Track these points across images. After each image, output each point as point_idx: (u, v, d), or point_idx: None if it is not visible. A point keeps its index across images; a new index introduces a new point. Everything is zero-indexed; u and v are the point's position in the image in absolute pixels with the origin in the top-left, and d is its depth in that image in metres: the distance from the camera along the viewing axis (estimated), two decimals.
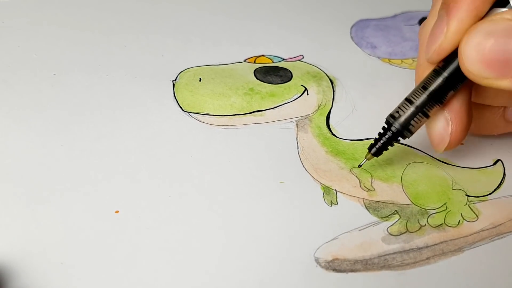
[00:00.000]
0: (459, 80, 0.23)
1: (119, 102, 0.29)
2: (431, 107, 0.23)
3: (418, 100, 0.23)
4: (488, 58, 0.21)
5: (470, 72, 0.21)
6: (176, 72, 0.31)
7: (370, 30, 0.37)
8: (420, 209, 0.25)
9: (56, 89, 0.29)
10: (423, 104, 0.23)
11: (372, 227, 0.24)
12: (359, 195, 0.25)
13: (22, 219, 0.22)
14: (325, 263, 0.22)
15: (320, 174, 0.26)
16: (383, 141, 0.24)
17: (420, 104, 0.23)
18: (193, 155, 0.26)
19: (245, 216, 0.24)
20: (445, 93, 0.23)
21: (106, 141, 0.26)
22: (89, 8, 0.36)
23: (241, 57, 0.33)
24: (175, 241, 0.22)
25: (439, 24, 0.23)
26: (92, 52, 0.32)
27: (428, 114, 0.24)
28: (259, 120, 0.29)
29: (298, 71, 0.32)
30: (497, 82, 0.21)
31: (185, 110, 0.29)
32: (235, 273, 0.21)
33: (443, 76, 0.23)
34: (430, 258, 0.23)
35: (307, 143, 0.27)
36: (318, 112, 0.29)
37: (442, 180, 0.26)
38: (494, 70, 0.21)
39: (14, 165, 0.25)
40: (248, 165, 0.26)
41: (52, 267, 0.21)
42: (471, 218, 0.25)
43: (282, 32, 0.36)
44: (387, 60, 0.35)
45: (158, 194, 0.24)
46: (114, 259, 0.21)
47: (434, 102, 0.23)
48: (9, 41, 0.32)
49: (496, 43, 0.21)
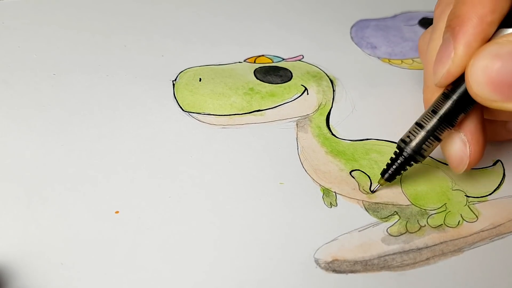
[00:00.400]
0: (469, 102, 0.23)
1: (119, 102, 0.29)
2: (442, 131, 0.23)
3: (428, 124, 0.23)
4: (495, 81, 0.20)
5: (478, 96, 0.21)
6: (176, 72, 0.31)
7: (370, 30, 0.37)
8: (419, 209, 0.25)
9: (56, 89, 0.29)
10: (434, 128, 0.23)
11: (372, 228, 0.24)
12: (358, 197, 0.25)
13: (22, 219, 0.22)
14: (325, 264, 0.22)
15: (320, 176, 0.26)
16: (395, 166, 0.24)
17: (431, 128, 0.23)
18: (193, 155, 0.26)
19: (245, 216, 0.24)
20: (456, 116, 0.23)
21: (106, 141, 0.26)
22: (89, 9, 0.36)
23: (241, 57, 0.33)
24: (175, 241, 0.22)
25: (445, 49, 0.22)
26: (92, 52, 0.32)
27: (439, 137, 0.23)
28: (259, 120, 0.29)
29: (298, 71, 0.32)
30: (504, 104, 0.21)
31: (185, 110, 0.29)
32: (235, 274, 0.21)
33: (453, 99, 0.23)
34: (430, 259, 0.23)
35: (307, 143, 0.27)
36: (318, 112, 0.30)
37: (442, 180, 0.26)
38: (501, 93, 0.21)
39: (14, 165, 0.25)
40: (248, 165, 0.26)
41: (52, 267, 0.21)
42: (471, 218, 0.25)
43: (282, 32, 0.36)
44: (387, 60, 0.35)
45: (158, 194, 0.24)
46: (114, 259, 0.21)
47: (445, 125, 0.23)
48: (9, 41, 0.32)
49: (503, 66, 0.20)
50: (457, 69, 0.22)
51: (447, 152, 0.24)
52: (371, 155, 0.27)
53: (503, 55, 0.20)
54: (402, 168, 0.24)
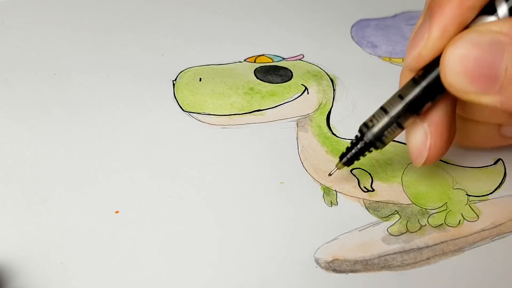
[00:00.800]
0: (438, 91, 0.21)
1: (119, 102, 0.29)
2: (407, 118, 0.22)
3: (393, 110, 0.22)
4: (472, 72, 0.19)
5: (452, 86, 0.20)
6: (176, 72, 0.31)
7: (370, 29, 0.37)
8: (420, 209, 0.25)
9: (56, 89, 0.29)
10: (398, 114, 0.22)
11: (372, 227, 0.24)
12: (359, 196, 0.25)
13: (22, 219, 0.22)
14: (325, 264, 0.22)
15: (320, 175, 0.26)
16: (354, 151, 0.23)
17: (395, 114, 0.22)
18: (193, 155, 0.26)
19: (245, 216, 0.23)
20: (422, 104, 0.22)
21: (106, 141, 0.26)
22: (89, 8, 0.36)
23: (241, 56, 0.33)
24: (175, 241, 0.22)
25: (420, 30, 0.21)
26: (92, 52, 0.32)
27: (403, 125, 0.22)
28: (259, 120, 0.29)
29: (298, 70, 0.32)
30: (478, 97, 0.20)
31: (185, 110, 0.29)
32: (235, 274, 0.21)
33: (421, 86, 0.21)
34: (431, 258, 0.23)
35: (307, 142, 0.27)
36: (319, 111, 0.29)
37: (443, 179, 0.26)
38: (477, 85, 0.19)
39: (14, 165, 0.25)
40: (248, 165, 0.26)
41: (52, 267, 0.21)
42: (472, 218, 0.24)
43: (283, 31, 0.36)
44: (388, 59, 0.34)
45: (158, 194, 0.24)
46: (114, 259, 0.21)
47: (410, 113, 0.22)
48: (9, 41, 0.32)
49: (482, 56, 0.19)
50: (430, 52, 0.21)
51: (408, 141, 0.23)
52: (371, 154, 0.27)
53: (482, 45, 0.19)
54: (361, 153, 0.23)
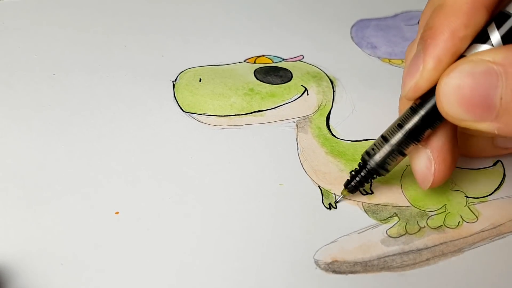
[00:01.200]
0: (436, 118, 0.22)
1: (119, 103, 0.29)
2: (408, 146, 0.23)
3: (393, 139, 0.23)
4: (467, 101, 0.20)
5: (449, 115, 0.20)
6: (176, 72, 0.31)
7: (370, 30, 0.37)
8: (419, 211, 0.25)
9: (56, 89, 0.29)
10: (399, 143, 0.23)
11: (371, 230, 0.24)
12: (358, 199, 0.25)
13: (22, 219, 0.22)
14: (324, 265, 0.22)
15: (320, 177, 0.26)
16: (358, 179, 0.24)
17: (395, 143, 0.23)
18: (193, 155, 0.26)
19: (244, 217, 0.24)
20: (421, 132, 0.22)
21: (106, 142, 0.26)
22: (89, 8, 0.36)
23: (241, 57, 0.33)
24: (175, 243, 0.22)
25: (415, 61, 0.21)
26: (92, 52, 0.32)
27: (404, 152, 0.23)
28: (259, 121, 0.29)
29: (298, 71, 0.32)
30: (476, 124, 0.20)
31: (185, 111, 0.29)
32: (235, 275, 0.21)
33: (420, 115, 0.22)
34: (430, 259, 0.23)
35: (307, 144, 0.27)
36: (318, 112, 0.29)
37: None
38: (473, 113, 0.20)
39: (14, 166, 0.25)
40: (248, 166, 0.26)
41: (52, 267, 0.21)
42: (471, 219, 0.25)
43: (282, 32, 0.36)
44: (387, 60, 0.34)
45: (158, 195, 0.24)
46: (114, 260, 0.21)
47: (410, 140, 0.23)
48: (9, 41, 0.32)
49: (476, 86, 0.19)
50: (425, 83, 0.21)
51: (413, 166, 0.24)
52: None
53: (476, 75, 0.19)
54: (365, 180, 0.24)
